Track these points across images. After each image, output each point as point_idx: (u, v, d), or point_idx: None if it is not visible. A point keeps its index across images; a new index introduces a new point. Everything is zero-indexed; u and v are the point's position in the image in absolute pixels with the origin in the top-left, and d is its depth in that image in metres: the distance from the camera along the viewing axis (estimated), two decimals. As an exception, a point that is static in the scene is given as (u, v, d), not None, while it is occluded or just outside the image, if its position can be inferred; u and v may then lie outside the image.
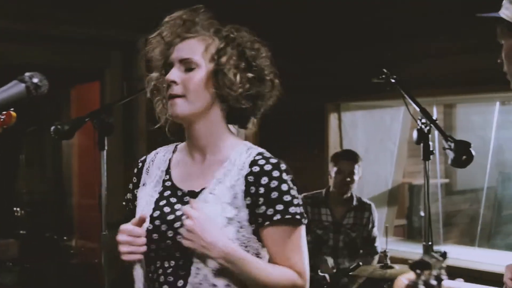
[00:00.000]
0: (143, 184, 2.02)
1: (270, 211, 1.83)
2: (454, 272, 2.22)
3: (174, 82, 1.86)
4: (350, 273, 4.27)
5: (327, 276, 4.22)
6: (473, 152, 2.78)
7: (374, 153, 5.79)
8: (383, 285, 4.18)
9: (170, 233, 1.85)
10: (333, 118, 5.62)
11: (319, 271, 4.31)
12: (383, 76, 3.37)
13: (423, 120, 3.06)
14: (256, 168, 1.85)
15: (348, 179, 4.51)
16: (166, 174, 1.99)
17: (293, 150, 5.80)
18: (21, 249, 5.87)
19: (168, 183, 1.97)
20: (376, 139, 5.81)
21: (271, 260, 1.90)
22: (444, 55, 4.72)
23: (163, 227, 1.86)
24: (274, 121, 5.91)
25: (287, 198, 1.84)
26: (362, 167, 4.69)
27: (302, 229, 1.89)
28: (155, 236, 1.87)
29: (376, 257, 4.56)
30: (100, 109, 2.69)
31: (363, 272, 4.13)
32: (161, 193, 1.95)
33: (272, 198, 1.82)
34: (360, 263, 4.27)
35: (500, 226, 6.49)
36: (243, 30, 1.95)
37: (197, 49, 1.89)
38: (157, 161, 2.04)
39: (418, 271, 1.55)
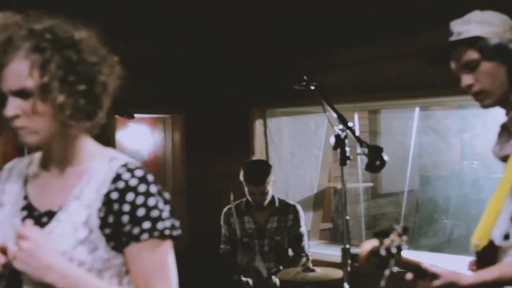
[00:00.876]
0: (0, 205, 1.78)
1: (136, 230, 1.65)
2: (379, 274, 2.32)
3: (16, 116, 1.62)
4: (272, 277, 4.33)
5: (250, 280, 4.27)
6: (386, 157, 2.87)
7: (299, 158, 5.88)
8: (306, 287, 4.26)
9: None
10: (258, 124, 5.67)
11: (241, 276, 4.35)
12: (304, 83, 3.44)
13: (340, 126, 3.15)
14: (120, 184, 1.66)
15: (261, 197, 4.55)
16: (22, 192, 1.77)
17: (220, 156, 5.85)
18: None
19: (24, 202, 1.75)
20: (301, 145, 5.90)
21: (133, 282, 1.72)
22: (365, 62, 4.83)
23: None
24: (200, 126, 5.99)
25: (154, 213, 1.66)
26: (284, 171, 4.75)
27: (169, 244, 1.71)
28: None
29: (303, 257, 4.61)
30: None
31: (285, 276, 4.19)
32: (21, 215, 1.74)
33: (139, 216, 1.64)
34: (281, 267, 4.33)
35: (422, 227, 6.69)
36: (58, 23, 1.65)
37: (24, 71, 1.59)
38: (12, 177, 1.82)
39: (380, 238, 1.71)
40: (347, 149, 3.13)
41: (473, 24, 2.22)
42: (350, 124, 3.12)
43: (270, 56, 5.51)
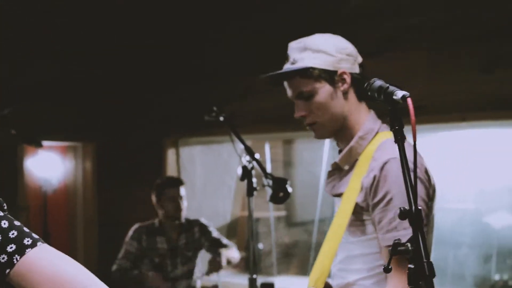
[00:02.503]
0: None
1: (4, 258, 1.48)
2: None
3: None
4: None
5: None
6: (290, 189, 2.91)
7: (212, 187, 5.90)
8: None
9: None
10: (171, 153, 5.67)
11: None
12: (214, 114, 3.47)
13: (247, 158, 3.18)
14: None
15: (179, 203, 4.57)
16: None
17: (132, 185, 5.80)
18: None
19: None
20: (214, 174, 5.93)
21: None
22: (278, 92, 4.90)
23: None
24: (112, 155, 5.93)
25: (13, 233, 1.49)
26: (198, 200, 4.76)
27: (45, 249, 1.52)
28: None
29: (233, 248, 4.60)
30: None
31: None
32: None
33: None
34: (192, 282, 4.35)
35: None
36: None
37: None
38: None
39: None
40: (254, 180, 3.17)
41: (309, 52, 2.17)
42: (257, 155, 3.16)
43: (183, 85, 5.53)
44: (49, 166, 5.75)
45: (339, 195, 2.19)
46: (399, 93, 1.45)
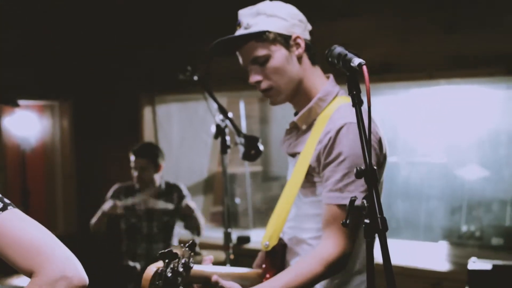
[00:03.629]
0: None
1: None
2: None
3: None
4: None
5: (137, 265, 4.34)
6: (261, 147, 3.01)
7: (189, 144, 5.98)
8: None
9: None
10: (147, 110, 5.72)
11: (129, 261, 4.42)
12: (187, 73, 3.54)
13: (221, 117, 3.27)
14: None
15: (141, 174, 4.63)
16: None
17: (109, 142, 5.86)
18: None
19: None
20: (190, 131, 5.99)
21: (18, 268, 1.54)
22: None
23: None
24: (89, 113, 5.98)
25: None
26: (174, 157, 4.82)
27: (14, 213, 1.56)
28: None
29: (202, 230, 4.70)
30: None
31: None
32: None
33: None
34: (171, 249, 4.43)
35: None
36: None
37: None
38: None
39: (166, 260, 1.65)
40: (227, 138, 3.26)
41: (262, 17, 2.16)
42: (230, 115, 3.24)
43: (158, 42, 5.55)
44: (26, 125, 5.79)
45: (295, 154, 2.26)
46: (356, 61, 1.53)
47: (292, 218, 2.28)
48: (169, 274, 1.65)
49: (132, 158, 4.63)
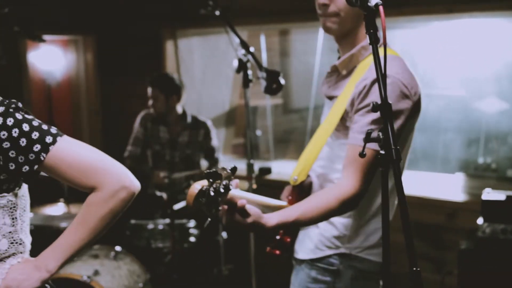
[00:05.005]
0: None
1: (32, 156, 1.74)
2: (284, 185, 2.56)
3: None
4: (185, 191, 4.59)
5: (164, 195, 4.51)
6: (282, 81, 3.10)
7: (211, 77, 6.06)
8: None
9: None
10: (169, 44, 5.79)
11: (156, 191, 4.59)
12: (209, 8, 3.60)
13: (243, 51, 3.35)
14: None
15: (154, 103, 4.76)
16: None
17: (132, 76, 5.96)
18: None
19: None
20: (212, 64, 6.07)
21: (80, 187, 1.81)
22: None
23: None
24: (112, 47, 6.06)
25: (35, 135, 1.74)
26: (197, 90, 4.93)
27: (65, 141, 1.79)
28: None
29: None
30: None
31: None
32: None
33: (23, 145, 1.72)
34: (191, 182, 4.60)
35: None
36: None
37: None
38: None
39: (210, 179, 1.79)
40: (249, 72, 3.36)
41: None
42: (251, 49, 3.32)
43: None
44: (51, 59, 5.90)
45: (332, 97, 2.34)
46: (373, 1, 1.61)
47: (323, 158, 2.38)
48: (212, 193, 1.77)
49: (149, 88, 4.76)
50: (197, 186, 1.80)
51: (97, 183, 1.77)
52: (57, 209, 4.34)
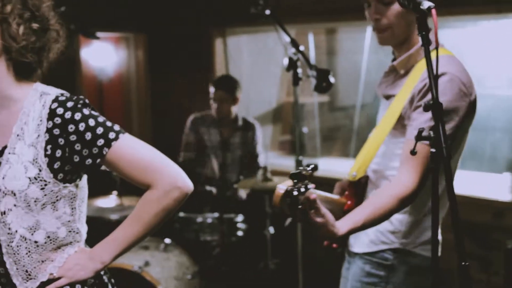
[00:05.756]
0: None
1: (95, 150, 1.83)
2: (330, 182, 2.62)
3: None
4: (234, 186, 4.69)
5: (213, 190, 4.60)
6: (332, 80, 3.17)
7: (258, 75, 6.13)
8: (263, 195, 4.63)
9: None
10: (218, 42, 5.87)
11: (206, 186, 4.69)
12: (260, 7, 3.67)
13: (293, 50, 3.42)
14: (57, 120, 1.80)
15: (220, 106, 4.83)
16: None
17: (182, 73, 6.06)
18: None
19: None
20: (260, 62, 6.14)
21: (136, 182, 1.90)
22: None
23: None
24: (162, 44, 6.17)
25: (100, 130, 1.83)
26: (245, 88, 5.01)
27: (126, 139, 1.88)
28: None
29: (259, 171, 4.96)
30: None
31: (246, 185, 4.55)
32: None
33: (88, 139, 1.82)
34: (241, 177, 4.69)
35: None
36: None
37: None
38: None
39: (295, 180, 1.90)
40: (299, 70, 3.43)
41: None
42: (301, 48, 3.39)
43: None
44: (103, 56, 6.03)
45: (389, 96, 2.40)
46: (425, 4, 1.66)
47: (379, 155, 2.42)
48: (295, 193, 1.87)
49: (212, 89, 4.82)
50: (282, 187, 1.90)
51: (153, 181, 1.87)
52: (109, 201, 4.45)
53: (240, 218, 4.65)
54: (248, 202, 4.88)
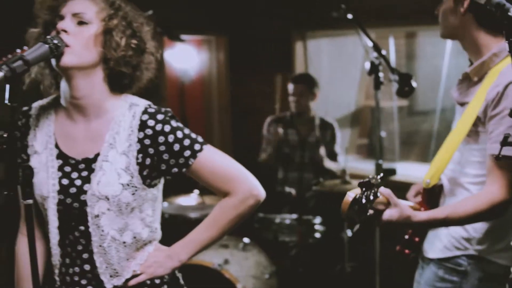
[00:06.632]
0: (35, 152, 2.03)
1: (181, 160, 1.98)
2: (408, 187, 2.65)
3: (65, 31, 1.88)
4: (313, 188, 4.73)
5: (293, 191, 4.66)
6: (414, 84, 3.17)
7: (338, 78, 6.16)
8: (343, 198, 4.65)
9: (75, 205, 1.96)
10: (299, 46, 5.93)
11: (285, 187, 4.75)
12: (342, 11, 3.70)
13: (375, 54, 3.44)
14: (149, 131, 1.94)
15: (299, 99, 4.93)
16: (52, 140, 2.02)
17: (262, 75, 6.14)
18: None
19: (56, 151, 2.00)
20: (339, 65, 6.16)
21: (215, 190, 2.07)
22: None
23: (68, 201, 1.96)
24: (243, 47, 6.27)
25: (187, 142, 1.98)
26: (324, 91, 5.06)
27: (209, 150, 2.02)
28: (60, 208, 1.98)
29: (338, 171, 4.99)
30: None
31: (325, 188, 4.59)
32: (55, 165, 2.00)
33: (176, 150, 1.96)
34: (321, 179, 4.73)
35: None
36: (129, 5, 2.02)
37: (90, 8, 1.92)
38: (42, 124, 2.05)
39: (363, 188, 1.96)
40: (380, 74, 3.44)
41: None
42: (383, 52, 3.40)
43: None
44: (186, 58, 6.16)
45: (463, 103, 2.39)
46: (516, 11, 1.67)
47: (453, 161, 2.43)
48: (363, 201, 1.94)
49: (291, 86, 4.94)
50: (351, 194, 1.96)
51: (231, 189, 2.04)
52: (191, 199, 4.57)
53: (318, 220, 4.69)
54: (326, 204, 4.92)
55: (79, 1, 1.93)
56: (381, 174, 2.05)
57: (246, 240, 4.31)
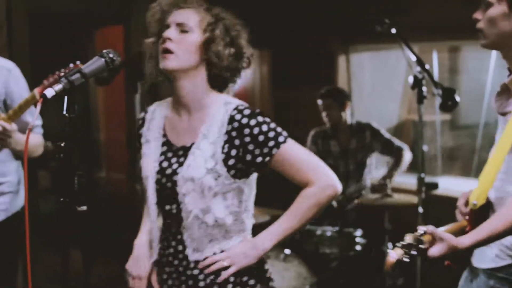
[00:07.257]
0: (146, 141, 2.35)
1: (266, 150, 2.16)
2: (451, 201, 2.64)
3: (169, 38, 2.15)
4: (354, 202, 4.75)
5: (334, 203, 4.69)
6: (458, 99, 3.19)
7: (380, 92, 6.17)
8: (384, 211, 4.67)
9: (169, 184, 2.22)
10: (341, 59, 5.97)
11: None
12: (385, 25, 3.74)
13: (418, 68, 3.47)
14: (236, 124, 2.15)
15: (329, 113, 5.03)
16: (162, 131, 2.32)
17: (304, 88, 6.19)
18: (53, 181, 6.35)
19: (163, 139, 2.31)
20: (382, 79, 6.18)
21: (296, 180, 2.22)
22: (445, 1, 5.02)
23: (163, 180, 2.24)
24: (286, 61, 6.33)
25: (271, 134, 2.17)
26: (366, 104, 5.10)
27: (290, 144, 2.19)
28: (157, 187, 2.27)
29: (406, 153, 5.08)
30: (133, 57, 3.11)
31: (366, 201, 4.61)
32: (161, 150, 2.30)
33: (261, 141, 2.15)
34: (363, 192, 4.76)
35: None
36: (228, 13, 2.29)
37: (192, 17, 2.19)
38: (155, 118, 2.36)
39: (405, 250, 1.99)
40: (423, 89, 3.47)
41: None
42: (427, 66, 3.43)
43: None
44: (230, 71, 6.25)
45: (505, 113, 2.33)
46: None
47: (501, 172, 2.36)
48: (407, 260, 1.99)
49: (319, 101, 5.03)
50: (394, 255, 1.99)
51: (311, 179, 2.18)
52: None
53: (359, 232, 4.71)
54: (367, 217, 4.94)
55: (183, 11, 2.20)
56: (423, 231, 2.03)
57: (287, 251, 4.36)
